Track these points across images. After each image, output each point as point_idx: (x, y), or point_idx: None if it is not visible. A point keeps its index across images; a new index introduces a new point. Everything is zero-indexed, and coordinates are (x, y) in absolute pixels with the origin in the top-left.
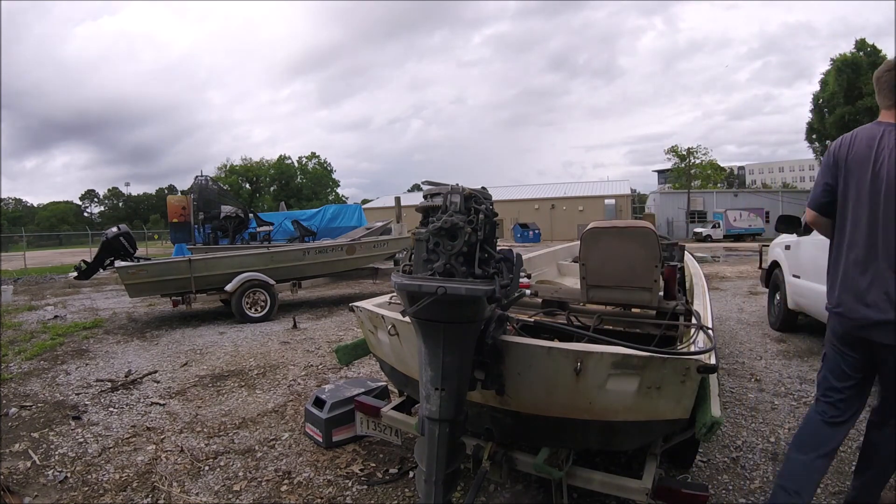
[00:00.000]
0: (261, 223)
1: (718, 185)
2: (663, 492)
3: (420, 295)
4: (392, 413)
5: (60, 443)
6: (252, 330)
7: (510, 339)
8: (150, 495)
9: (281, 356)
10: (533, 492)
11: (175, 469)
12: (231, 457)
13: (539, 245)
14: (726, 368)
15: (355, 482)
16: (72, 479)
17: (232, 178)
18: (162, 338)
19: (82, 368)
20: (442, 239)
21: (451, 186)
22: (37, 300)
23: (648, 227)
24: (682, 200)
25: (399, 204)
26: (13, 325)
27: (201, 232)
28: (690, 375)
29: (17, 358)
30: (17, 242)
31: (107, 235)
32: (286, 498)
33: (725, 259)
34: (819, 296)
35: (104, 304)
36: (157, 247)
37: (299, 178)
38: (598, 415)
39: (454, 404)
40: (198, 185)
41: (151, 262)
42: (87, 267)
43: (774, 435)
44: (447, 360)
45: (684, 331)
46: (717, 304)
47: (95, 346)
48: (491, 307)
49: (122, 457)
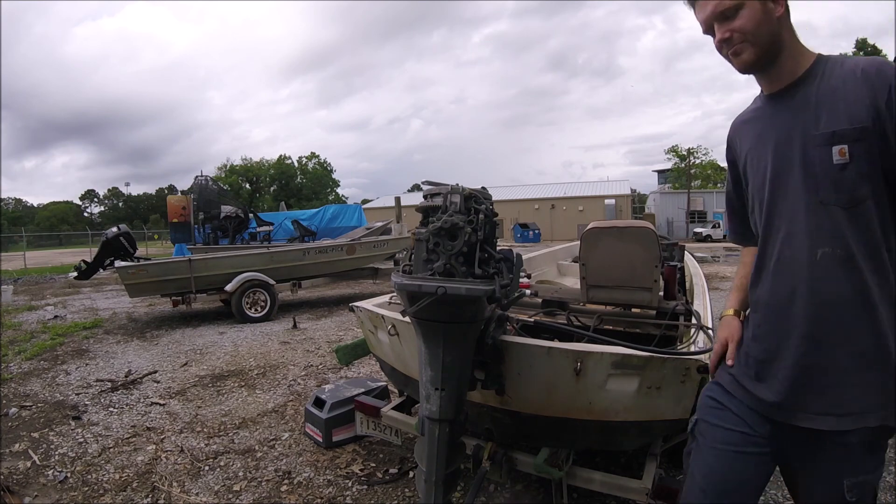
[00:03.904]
0: (261, 223)
1: (718, 185)
2: (663, 492)
3: (420, 295)
4: (392, 413)
5: (60, 443)
6: (252, 330)
7: (510, 339)
8: (150, 495)
9: (281, 356)
10: (533, 492)
11: (175, 469)
12: (231, 457)
13: (539, 245)
14: None
15: (355, 482)
16: (72, 479)
17: (232, 178)
18: (162, 338)
19: (82, 368)
20: (442, 239)
21: (451, 186)
22: (37, 300)
23: (648, 228)
24: (682, 200)
25: (399, 204)
26: (13, 325)
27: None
28: (690, 375)
29: (17, 358)
30: (17, 242)
31: (107, 235)
32: (286, 498)
33: (725, 259)
34: None
35: (104, 304)
36: (157, 247)
37: (299, 178)
38: (598, 415)
39: (454, 404)
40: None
41: (151, 262)
42: (87, 267)
43: None
44: (447, 360)
45: (684, 331)
46: (717, 304)
47: (95, 346)
48: (491, 307)
49: (122, 457)
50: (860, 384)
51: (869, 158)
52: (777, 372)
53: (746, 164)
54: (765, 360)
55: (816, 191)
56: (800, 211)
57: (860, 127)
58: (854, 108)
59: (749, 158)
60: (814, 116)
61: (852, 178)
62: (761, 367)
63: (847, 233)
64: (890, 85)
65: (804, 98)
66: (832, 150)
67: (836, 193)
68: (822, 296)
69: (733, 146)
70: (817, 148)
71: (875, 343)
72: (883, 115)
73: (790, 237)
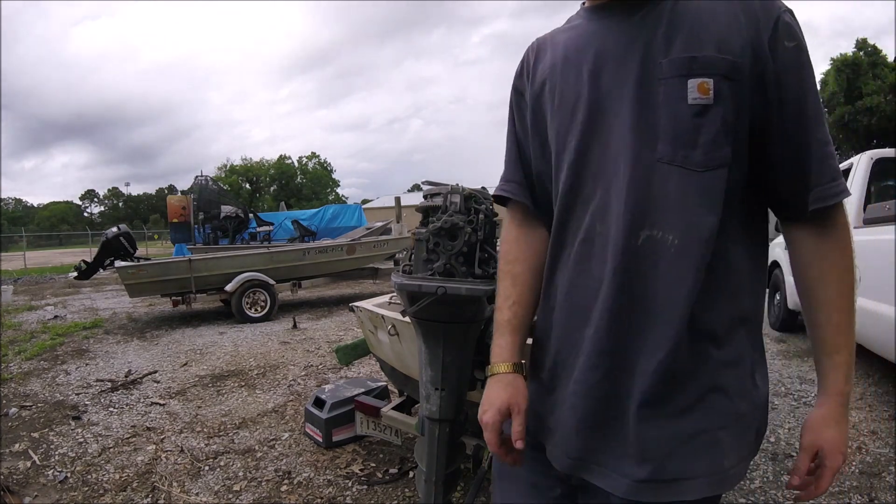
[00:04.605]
0: (261, 223)
1: None
2: None
3: (420, 295)
4: (392, 413)
5: (60, 443)
6: (252, 330)
7: None
8: (150, 495)
9: (281, 356)
10: None
11: (175, 469)
12: (231, 457)
13: None
14: None
15: (355, 482)
16: (72, 479)
17: (232, 178)
18: (162, 338)
19: (82, 368)
20: (442, 239)
21: (451, 186)
22: (37, 300)
23: None
24: None
25: (399, 204)
26: (13, 325)
27: (201, 232)
28: None
29: (17, 358)
30: (17, 242)
31: (107, 235)
32: (286, 498)
33: None
34: None
35: (104, 304)
36: (157, 247)
37: (299, 178)
38: None
39: (454, 404)
40: (198, 185)
41: (151, 262)
42: (87, 267)
43: (774, 435)
44: (447, 360)
45: None
46: None
47: (95, 346)
48: (491, 307)
49: (122, 457)
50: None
51: (737, 107)
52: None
53: (543, 92)
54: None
55: (653, 142)
56: (622, 171)
57: (733, 60)
58: (726, 35)
59: (549, 85)
60: (664, 37)
61: (714, 129)
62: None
63: (691, 211)
64: (777, 17)
65: (652, 13)
66: (688, 83)
67: (686, 148)
68: (629, 300)
69: (526, 69)
70: (664, 81)
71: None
72: (763, 55)
73: (604, 210)
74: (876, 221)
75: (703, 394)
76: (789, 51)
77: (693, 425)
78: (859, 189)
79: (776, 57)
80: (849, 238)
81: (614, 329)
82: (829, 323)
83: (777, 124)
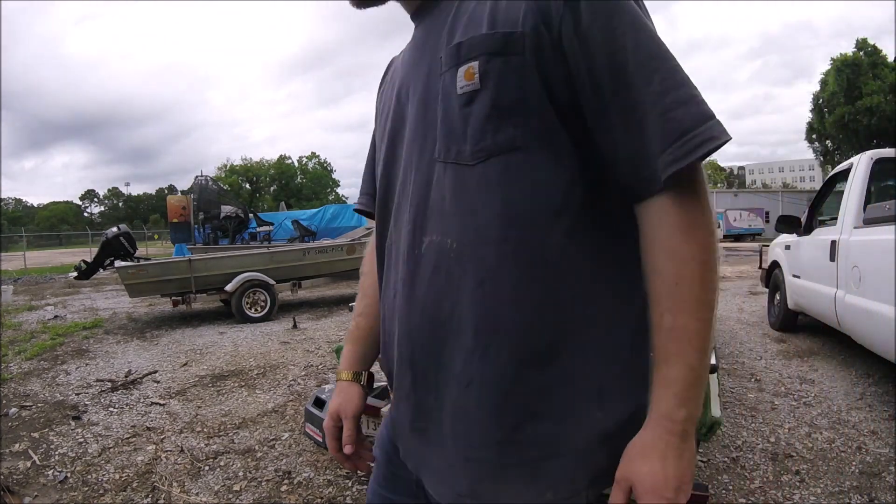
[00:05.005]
0: (261, 223)
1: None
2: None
3: None
4: None
5: (60, 443)
6: (252, 330)
7: None
8: (150, 495)
9: (281, 356)
10: None
11: (175, 469)
12: (231, 457)
13: None
14: (726, 368)
15: (355, 482)
16: (72, 479)
17: (232, 178)
18: (162, 338)
19: (82, 368)
20: None
21: None
22: (37, 300)
23: None
24: None
25: None
26: (13, 325)
27: (201, 232)
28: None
29: (17, 358)
30: (17, 242)
31: (107, 235)
32: (286, 498)
33: (725, 259)
34: (819, 296)
35: (104, 304)
36: (157, 247)
37: (299, 178)
38: None
39: None
40: (198, 185)
41: (151, 262)
42: (87, 267)
43: (774, 435)
44: None
45: None
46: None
47: (95, 346)
48: None
49: (122, 457)
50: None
51: (519, 82)
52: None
53: (376, 113)
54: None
55: (431, 141)
56: (412, 177)
57: (505, 32)
58: (507, 11)
59: (377, 105)
60: (448, 31)
61: (483, 115)
62: None
63: (468, 210)
64: None
65: (446, 10)
66: (458, 72)
67: (459, 143)
68: (419, 314)
69: (382, 81)
70: (441, 76)
71: None
72: (555, 13)
73: (399, 218)
74: (876, 221)
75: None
76: (589, 1)
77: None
78: (859, 189)
79: (574, 10)
80: (705, 214)
81: (408, 340)
82: (660, 324)
83: (590, 91)
